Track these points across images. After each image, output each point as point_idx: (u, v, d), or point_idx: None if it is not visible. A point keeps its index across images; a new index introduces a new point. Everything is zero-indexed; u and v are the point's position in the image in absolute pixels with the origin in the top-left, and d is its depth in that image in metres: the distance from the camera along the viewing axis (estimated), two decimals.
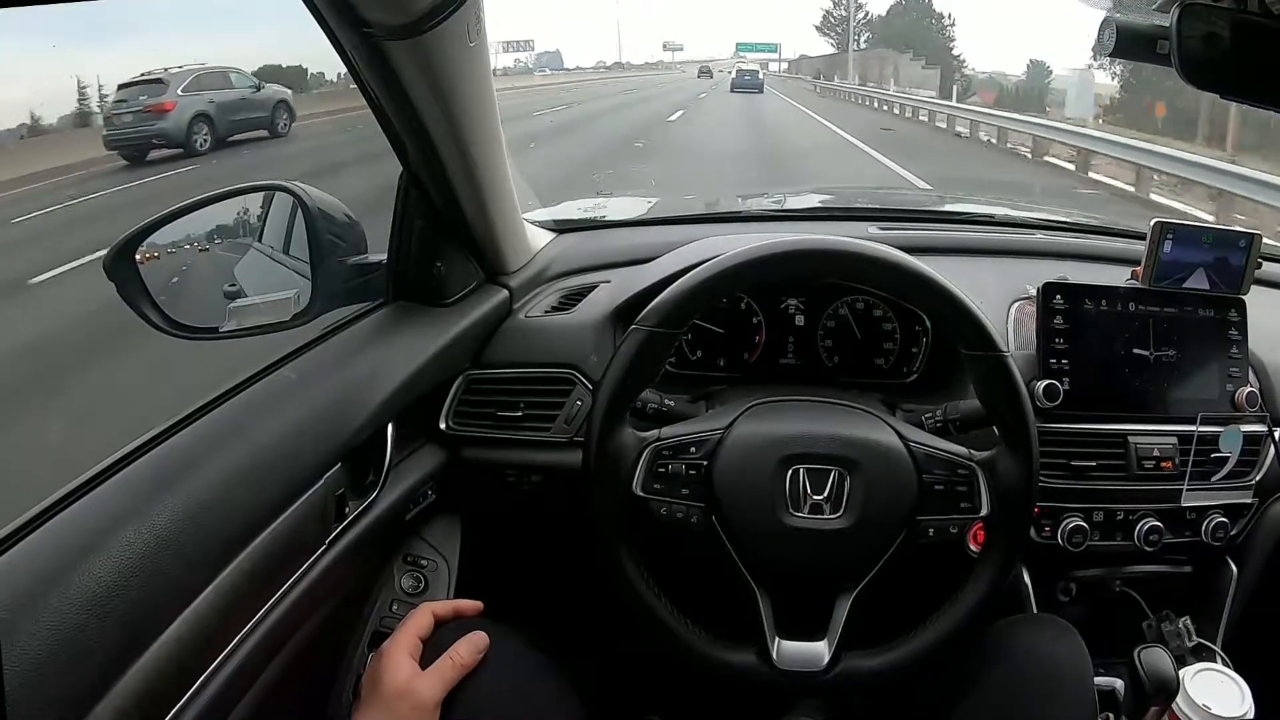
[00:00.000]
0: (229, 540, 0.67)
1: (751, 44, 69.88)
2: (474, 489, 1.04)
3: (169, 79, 7.38)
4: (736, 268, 0.80)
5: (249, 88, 7.88)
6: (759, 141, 12.41)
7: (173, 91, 7.32)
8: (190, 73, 7.55)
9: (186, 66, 7.49)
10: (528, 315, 1.09)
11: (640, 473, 0.79)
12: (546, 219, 1.32)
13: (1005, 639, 0.86)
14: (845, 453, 0.79)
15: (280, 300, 0.92)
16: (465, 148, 0.89)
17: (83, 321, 3.05)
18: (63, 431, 2.24)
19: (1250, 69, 0.59)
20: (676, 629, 0.80)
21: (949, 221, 1.45)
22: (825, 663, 0.78)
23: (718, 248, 0.86)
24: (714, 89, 28.80)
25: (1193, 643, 1.02)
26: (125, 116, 7.12)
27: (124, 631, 0.57)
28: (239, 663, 0.66)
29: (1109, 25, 0.64)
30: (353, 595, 0.90)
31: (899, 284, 0.82)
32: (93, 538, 0.58)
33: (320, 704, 0.87)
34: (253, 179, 0.93)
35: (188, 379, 1.03)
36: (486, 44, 0.84)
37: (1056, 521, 0.98)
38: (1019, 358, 0.96)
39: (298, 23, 0.74)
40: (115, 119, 7.12)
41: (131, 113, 7.13)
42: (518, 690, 0.76)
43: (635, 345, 0.79)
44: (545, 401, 1.01)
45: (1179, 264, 1.00)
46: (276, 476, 0.73)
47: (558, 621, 0.97)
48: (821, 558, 0.80)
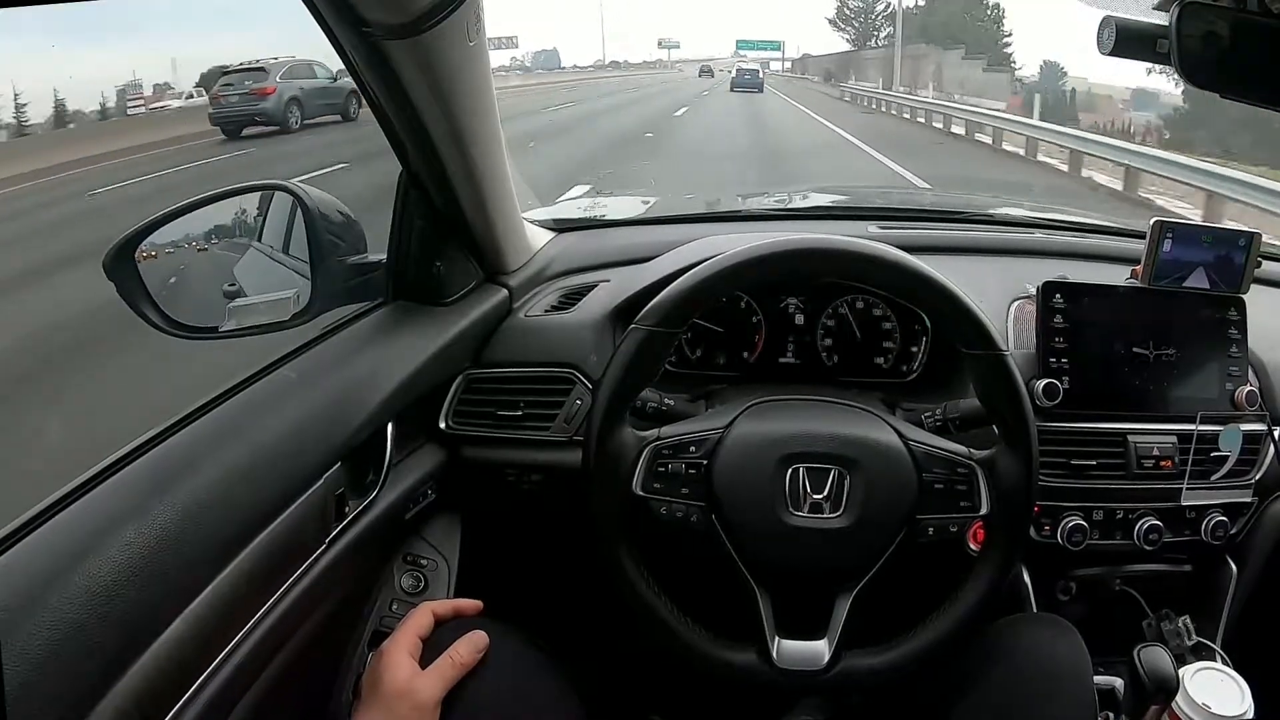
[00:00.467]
0: (229, 540, 0.67)
1: (752, 41, 68.11)
2: (474, 488, 1.04)
3: (269, 67, 9.17)
4: (735, 267, 0.80)
5: (328, 78, 9.16)
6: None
7: (273, 78, 9.12)
8: (285, 63, 9.25)
9: (280, 58, 9.31)
10: (527, 314, 1.09)
11: (640, 472, 0.79)
12: (546, 218, 1.32)
13: (1005, 638, 0.86)
14: (845, 452, 0.79)
15: (280, 300, 0.92)
16: (465, 147, 0.89)
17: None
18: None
19: (1250, 68, 0.59)
20: (676, 628, 0.80)
21: (948, 220, 1.45)
22: (825, 662, 0.78)
23: (717, 247, 0.86)
24: (714, 89, 28.47)
25: (1192, 641, 1.02)
26: (231, 97, 8.95)
27: (124, 631, 0.57)
28: (239, 662, 0.66)
29: (1109, 24, 0.64)
30: (353, 594, 0.90)
31: (898, 283, 0.82)
32: (93, 537, 0.58)
33: (320, 703, 0.87)
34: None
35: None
36: (486, 44, 0.84)
37: (1056, 520, 0.98)
38: (1018, 357, 0.96)
39: (297, 22, 0.74)
40: (222, 99, 8.98)
41: (238, 94, 8.94)
42: (517, 689, 0.76)
43: (634, 345, 0.79)
44: (545, 401, 1.01)
45: (1179, 263, 1.00)
46: (276, 476, 0.73)
47: (557, 621, 0.97)
48: (821, 557, 0.80)
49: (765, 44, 68.12)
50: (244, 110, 8.95)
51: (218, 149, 8.25)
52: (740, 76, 28.91)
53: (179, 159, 7.28)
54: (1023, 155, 10.89)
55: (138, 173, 6.23)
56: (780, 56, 66.77)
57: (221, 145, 8.53)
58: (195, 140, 8.48)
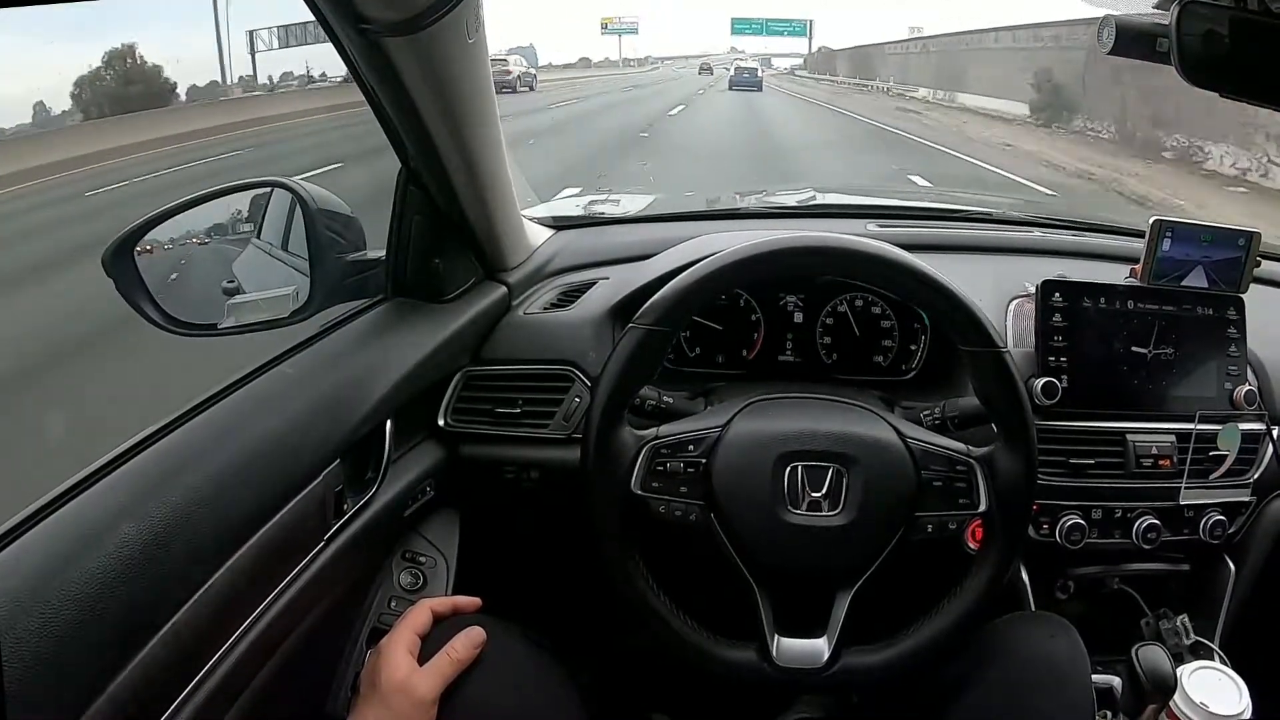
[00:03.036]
0: (227, 536, 0.67)
1: (757, 21, 41.89)
2: (472, 485, 1.04)
3: (507, 56, 21.35)
4: (734, 265, 0.80)
5: (533, 63, 25.00)
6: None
7: (512, 63, 20.94)
8: (512, 54, 22.02)
9: (507, 51, 22.73)
10: (526, 312, 1.09)
11: (639, 471, 0.79)
12: (545, 215, 1.32)
13: (1003, 636, 0.86)
14: (843, 449, 0.79)
15: (279, 296, 0.92)
16: (464, 144, 0.89)
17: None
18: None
19: (1250, 67, 0.59)
20: (676, 626, 0.80)
21: (947, 219, 1.45)
22: (824, 660, 0.78)
23: (716, 245, 0.86)
24: (714, 87, 28.24)
25: (1190, 641, 1.02)
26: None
27: (123, 627, 0.57)
28: (238, 658, 0.66)
29: (1109, 24, 0.64)
30: (351, 591, 0.90)
31: (897, 281, 0.81)
32: (91, 534, 0.58)
33: (319, 700, 0.87)
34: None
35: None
36: (485, 41, 0.84)
37: (1055, 519, 0.99)
38: (1017, 355, 0.96)
39: (297, 20, 0.76)
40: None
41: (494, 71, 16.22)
42: (515, 686, 0.76)
43: (633, 343, 0.79)
44: (544, 398, 1.01)
45: (1177, 262, 1.00)
46: (275, 473, 0.73)
47: (556, 618, 0.97)
48: (820, 555, 0.80)
49: (782, 25, 41.70)
50: (498, 81, 16.73)
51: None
52: (739, 75, 27.98)
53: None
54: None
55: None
56: (806, 46, 42.49)
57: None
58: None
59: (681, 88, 26.61)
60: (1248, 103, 0.63)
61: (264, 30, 9.03)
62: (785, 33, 42.23)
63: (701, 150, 10.25)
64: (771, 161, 9.55)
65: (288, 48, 8.77)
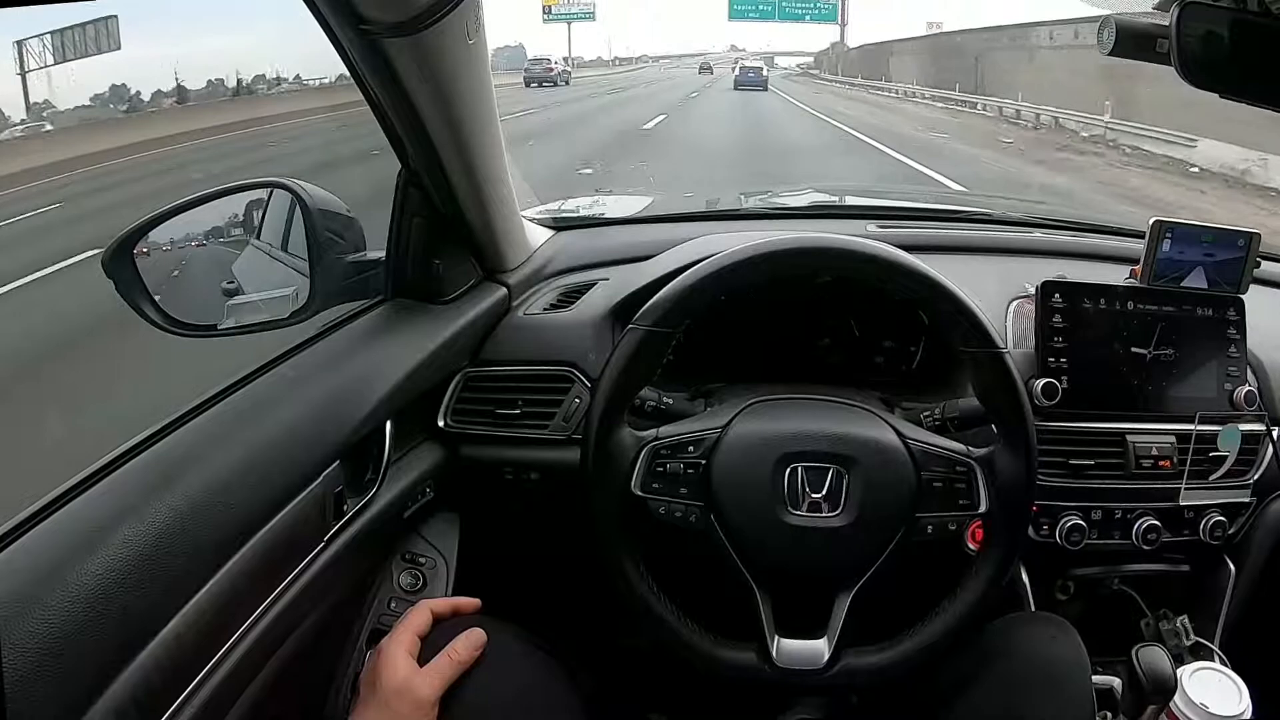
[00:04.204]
0: (227, 538, 0.67)
1: (767, 2, 32.48)
2: (472, 487, 1.04)
3: (547, 56, 29.36)
4: (733, 266, 0.80)
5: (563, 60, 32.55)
6: None
7: (554, 60, 29.04)
8: (550, 55, 30.56)
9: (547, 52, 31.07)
10: (526, 313, 1.09)
11: (639, 472, 0.79)
12: (545, 216, 1.32)
13: (1003, 637, 0.86)
14: (843, 450, 0.79)
15: (278, 297, 0.92)
16: (464, 145, 0.88)
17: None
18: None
19: (1250, 68, 0.59)
20: (676, 628, 0.80)
21: (947, 219, 1.44)
22: (824, 661, 0.78)
23: (716, 245, 0.86)
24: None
25: (1190, 641, 1.02)
26: (534, 70, 25.77)
27: (122, 629, 0.57)
28: (237, 660, 0.66)
29: (1109, 24, 0.64)
30: (351, 593, 0.90)
31: (897, 282, 0.81)
32: (91, 535, 0.58)
33: (319, 701, 0.87)
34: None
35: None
36: (486, 42, 0.84)
37: (1055, 520, 0.98)
38: (1017, 356, 0.96)
39: (297, 20, 0.75)
40: (530, 70, 25.97)
41: (539, 67, 26.03)
42: (515, 687, 0.76)
43: (632, 345, 0.79)
44: (543, 399, 1.01)
45: (1177, 262, 1.00)
46: (275, 474, 0.73)
47: (556, 619, 0.97)
48: (820, 556, 0.80)
49: (800, 9, 31.72)
50: (539, 75, 25.05)
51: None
52: (744, 75, 27.21)
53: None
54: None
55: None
56: (840, 32, 33.29)
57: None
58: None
59: (671, 93, 22.94)
60: (1247, 103, 0.63)
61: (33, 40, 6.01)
62: (806, 18, 32.73)
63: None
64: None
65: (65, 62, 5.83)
